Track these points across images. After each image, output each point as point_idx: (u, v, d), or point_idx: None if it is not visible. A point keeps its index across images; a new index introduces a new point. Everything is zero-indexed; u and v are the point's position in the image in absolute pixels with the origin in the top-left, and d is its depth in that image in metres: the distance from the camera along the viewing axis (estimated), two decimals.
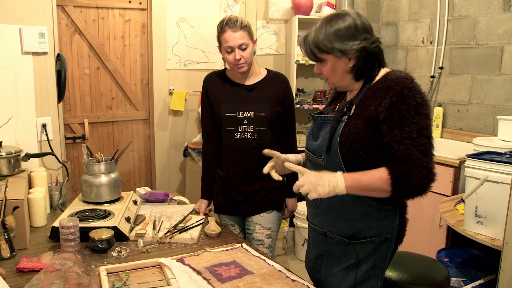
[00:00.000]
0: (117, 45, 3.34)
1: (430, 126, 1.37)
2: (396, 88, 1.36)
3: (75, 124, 3.27)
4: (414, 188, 1.33)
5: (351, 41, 1.39)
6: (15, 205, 1.66)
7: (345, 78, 1.46)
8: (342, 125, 1.43)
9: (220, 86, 2.13)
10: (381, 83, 1.41)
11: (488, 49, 3.21)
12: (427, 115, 1.36)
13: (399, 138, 1.34)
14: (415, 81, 1.39)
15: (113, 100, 3.41)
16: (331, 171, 1.38)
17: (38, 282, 1.32)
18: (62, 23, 3.10)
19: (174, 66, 3.48)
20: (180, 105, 3.48)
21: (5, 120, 2.17)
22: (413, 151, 1.32)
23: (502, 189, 2.06)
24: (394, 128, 1.35)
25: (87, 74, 3.27)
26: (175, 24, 3.43)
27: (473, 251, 2.69)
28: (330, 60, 1.43)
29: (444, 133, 3.54)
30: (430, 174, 1.33)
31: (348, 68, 1.43)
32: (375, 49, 1.42)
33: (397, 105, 1.35)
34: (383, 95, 1.38)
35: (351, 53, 1.40)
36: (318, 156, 1.51)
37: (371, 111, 1.39)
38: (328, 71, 1.47)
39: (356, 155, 1.40)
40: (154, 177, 3.59)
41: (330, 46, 1.40)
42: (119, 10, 3.30)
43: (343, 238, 1.51)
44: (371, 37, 1.42)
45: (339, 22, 1.40)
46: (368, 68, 1.44)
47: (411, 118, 1.33)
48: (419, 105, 1.34)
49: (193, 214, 2.06)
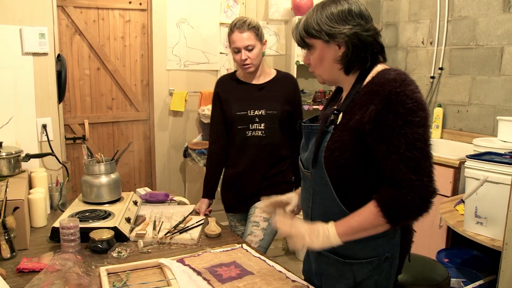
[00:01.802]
0: (117, 45, 3.34)
1: (424, 135, 1.18)
2: (382, 93, 1.19)
3: (75, 124, 3.27)
4: (408, 212, 1.19)
5: (342, 25, 1.24)
6: (16, 206, 1.66)
7: (333, 69, 1.32)
8: (328, 136, 1.29)
9: (231, 86, 2.20)
10: (368, 86, 1.25)
11: (488, 49, 3.21)
12: (420, 123, 1.17)
13: (386, 153, 1.18)
14: (408, 81, 1.20)
15: (113, 100, 3.41)
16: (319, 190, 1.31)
17: (38, 282, 1.32)
18: (63, 23, 3.11)
19: (174, 67, 3.48)
20: (180, 105, 3.49)
21: (6, 121, 2.17)
22: (401, 168, 1.16)
23: (502, 190, 2.06)
24: (380, 141, 1.19)
25: (87, 75, 3.28)
26: (175, 24, 3.43)
27: (473, 252, 2.69)
28: (319, 46, 1.30)
29: (444, 134, 3.54)
30: (423, 192, 1.16)
31: (337, 57, 1.28)
32: (368, 38, 1.26)
33: (382, 114, 1.18)
34: (369, 102, 1.21)
35: (340, 38, 1.25)
36: (306, 169, 1.39)
37: (357, 121, 1.23)
38: (316, 60, 1.33)
39: (342, 172, 1.26)
40: (154, 177, 3.59)
41: (318, 29, 1.26)
42: (119, 10, 3.30)
43: (337, 257, 1.35)
44: (367, 24, 1.26)
45: (333, 6, 1.27)
46: (359, 60, 1.28)
47: (398, 129, 1.16)
48: (409, 111, 1.16)
49: (193, 215, 2.06)
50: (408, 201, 1.16)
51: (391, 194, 1.19)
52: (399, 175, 1.17)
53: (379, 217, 1.20)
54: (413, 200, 1.16)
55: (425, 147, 1.18)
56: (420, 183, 1.16)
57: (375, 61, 1.31)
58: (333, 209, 1.31)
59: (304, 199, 1.44)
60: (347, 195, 1.29)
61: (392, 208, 1.19)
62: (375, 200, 1.21)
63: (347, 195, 1.29)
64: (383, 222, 1.20)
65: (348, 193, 1.29)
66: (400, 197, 1.17)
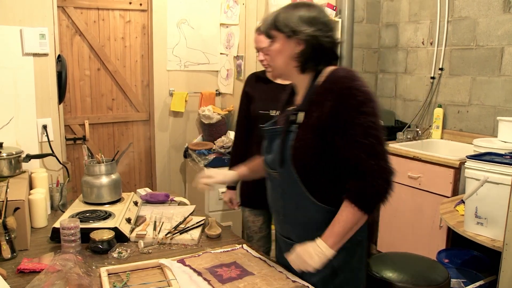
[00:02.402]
0: (118, 46, 3.35)
1: (376, 123, 1.30)
2: (335, 90, 1.32)
3: (76, 125, 3.27)
4: (378, 196, 1.30)
5: (307, 26, 1.36)
6: (16, 206, 1.66)
7: (289, 64, 1.42)
8: (292, 136, 1.38)
9: (258, 85, 2.27)
10: (322, 86, 1.37)
11: (488, 50, 3.21)
12: (372, 112, 1.30)
13: (345, 143, 1.30)
14: (356, 77, 1.34)
15: (114, 101, 3.42)
16: (289, 188, 1.41)
17: (39, 283, 1.32)
18: (63, 24, 3.11)
19: (175, 67, 3.49)
20: (181, 106, 3.49)
21: (6, 121, 2.17)
22: (361, 156, 1.28)
23: (502, 190, 2.06)
24: (338, 133, 1.31)
25: (87, 75, 3.28)
26: (175, 25, 3.43)
27: (474, 252, 2.69)
28: (280, 39, 1.40)
29: (444, 134, 3.54)
30: (384, 174, 1.29)
31: (295, 53, 1.39)
32: (326, 43, 1.38)
33: (337, 108, 1.31)
34: (324, 100, 1.34)
35: (301, 35, 1.36)
36: (273, 170, 1.47)
37: (316, 119, 1.34)
38: (275, 51, 1.42)
39: (309, 168, 1.36)
40: (155, 178, 3.60)
41: (285, 24, 1.38)
42: (119, 11, 3.31)
43: None
44: (328, 32, 1.39)
45: (303, 9, 1.39)
46: (314, 60, 1.39)
47: (353, 120, 1.29)
48: (361, 103, 1.29)
49: (193, 215, 2.06)
50: (375, 187, 1.28)
51: (358, 187, 1.30)
52: (360, 162, 1.28)
53: (356, 212, 1.31)
54: (379, 184, 1.28)
55: (378, 133, 1.30)
56: (379, 167, 1.28)
57: (328, 63, 1.42)
58: (304, 203, 1.41)
59: (274, 199, 1.54)
60: (316, 188, 1.40)
61: (365, 199, 1.30)
62: (347, 199, 1.32)
63: (316, 188, 1.40)
64: (362, 215, 1.31)
65: (317, 186, 1.39)
66: (367, 186, 1.29)
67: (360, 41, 4.08)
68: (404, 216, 3.24)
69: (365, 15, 4.09)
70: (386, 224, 3.42)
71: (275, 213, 1.57)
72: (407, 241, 3.23)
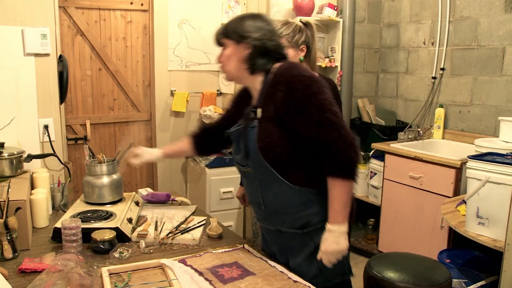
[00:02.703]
0: (119, 46, 3.35)
1: (326, 99, 1.43)
2: (282, 80, 1.47)
3: (77, 125, 3.28)
4: (351, 160, 1.42)
5: (253, 32, 1.52)
6: (18, 206, 1.66)
7: (240, 67, 1.55)
8: (255, 130, 1.51)
9: None
10: (272, 80, 1.51)
11: (490, 50, 3.21)
12: (319, 90, 1.44)
13: (305, 124, 1.43)
14: (299, 66, 1.52)
15: (115, 101, 3.42)
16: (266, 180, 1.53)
17: (40, 282, 1.32)
18: (64, 24, 3.11)
19: (176, 67, 3.49)
20: (182, 106, 3.49)
21: (7, 121, 2.17)
22: (322, 131, 1.41)
23: (503, 190, 2.06)
24: (295, 117, 1.44)
25: (89, 75, 3.28)
26: (176, 25, 3.43)
27: (475, 252, 2.69)
28: (230, 45, 1.55)
29: (446, 134, 3.54)
30: (347, 140, 1.41)
31: (244, 56, 1.53)
32: (272, 46, 1.54)
33: (288, 96, 1.44)
34: (275, 91, 1.48)
35: (249, 40, 1.51)
36: (246, 166, 1.59)
37: (272, 111, 1.48)
38: (226, 56, 1.57)
39: (278, 155, 1.48)
40: (156, 178, 3.60)
41: (234, 31, 1.54)
42: (120, 11, 3.31)
43: (296, 230, 1.57)
44: (273, 37, 1.55)
45: (250, 19, 1.55)
46: (262, 61, 1.53)
47: (306, 101, 1.42)
48: (308, 86, 1.43)
49: (195, 215, 2.06)
50: (345, 154, 1.41)
51: (333, 162, 1.42)
52: (323, 138, 1.41)
53: (343, 183, 1.43)
54: (347, 150, 1.41)
55: (331, 107, 1.43)
56: (340, 136, 1.41)
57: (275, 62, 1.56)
58: (281, 189, 1.53)
59: (252, 193, 1.65)
60: (289, 172, 1.51)
61: (343, 169, 1.42)
62: (329, 177, 1.45)
63: (289, 172, 1.51)
64: (349, 183, 1.44)
65: (288, 171, 1.51)
66: (340, 157, 1.41)
67: (361, 41, 4.08)
68: (406, 216, 3.24)
69: (366, 15, 4.09)
70: (387, 224, 3.42)
71: (256, 206, 1.67)
72: (408, 241, 3.23)
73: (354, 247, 3.79)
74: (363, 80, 4.20)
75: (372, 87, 4.27)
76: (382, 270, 1.87)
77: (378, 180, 3.58)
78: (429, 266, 1.93)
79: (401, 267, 1.89)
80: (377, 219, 3.58)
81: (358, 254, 3.74)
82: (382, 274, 1.85)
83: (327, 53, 3.87)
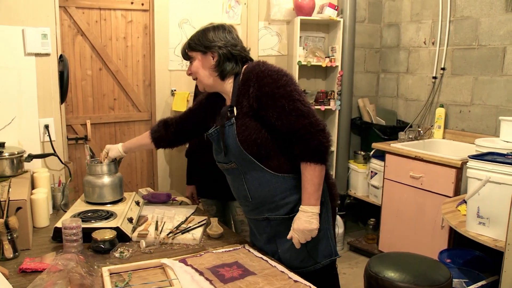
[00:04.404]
0: (120, 46, 3.35)
1: (295, 90, 1.54)
2: (252, 77, 1.57)
3: (78, 125, 3.27)
4: (322, 145, 1.52)
5: (216, 40, 1.63)
6: (18, 206, 1.66)
7: (211, 76, 1.67)
8: (234, 127, 1.60)
9: None
10: (242, 80, 1.62)
11: (490, 50, 3.21)
12: (287, 82, 1.55)
13: (277, 115, 1.53)
14: (267, 63, 1.62)
15: (115, 101, 3.42)
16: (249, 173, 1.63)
17: (41, 282, 1.33)
18: (65, 24, 3.11)
19: (176, 67, 3.49)
20: (182, 106, 3.49)
21: (8, 121, 2.18)
22: (294, 120, 1.51)
23: (504, 190, 2.06)
24: (268, 110, 1.54)
25: (89, 75, 3.28)
26: (177, 25, 3.43)
27: (476, 252, 2.69)
28: (198, 57, 1.67)
29: (446, 134, 3.54)
30: (317, 126, 1.52)
31: (212, 65, 1.64)
32: (238, 51, 1.65)
33: (260, 90, 1.55)
34: (247, 88, 1.58)
35: (214, 49, 1.63)
36: (229, 163, 1.68)
37: (246, 106, 1.58)
38: (196, 67, 1.68)
39: (259, 146, 1.58)
40: (156, 178, 3.60)
41: (198, 43, 1.65)
42: (121, 11, 3.31)
43: (284, 216, 1.66)
44: (236, 43, 1.66)
45: (212, 30, 1.65)
46: (230, 67, 1.64)
47: (276, 94, 1.53)
48: (277, 79, 1.54)
49: (195, 215, 2.06)
50: (316, 139, 1.51)
51: (303, 147, 1.53)
52: (294, 125, 1.52)
53: (315, 167, 1.53)
54: (317, 136, 1.51)
55: (300, 97, 1.54)
56: (311, 123, 1.52)
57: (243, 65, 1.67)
58: (265, 178, 1.62)
59: (238, 188, 1.72)
60: (270, 162, 1.61)
61: (314, 153, 1.52)
62: (301, 161, 1.55)
63: (270, 162, 1.61)
64: (320, 167, 1.54)
65: (270, 161, 1.61)
66: (310, 142, 1.51)
67: (362, 41, 4.08)
68: (406, 216, 3.24)
69: (367, 15, 4.08)
70: (388, 224, 3.42)
71: (243, 200, 1.74)
72: (408, 241, 3.23)
73: (354, 247, 3.80)
74: (364, 80, 4.19)
75: (372, 87, 4.27)
76: (383, 270, 1.87)
77: (379, 180, 3.58)
78: (430, 266, 1.93)
79: (402, 267, 1.89)
80: (378, 219, 3.58)
81: (358, 254, 3.75)
82: (383, 274, 1.85)
83: (328, 53, 3.87)
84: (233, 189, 1.79)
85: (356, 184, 3.95)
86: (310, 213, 1.55)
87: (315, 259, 1.69)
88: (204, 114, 1.88)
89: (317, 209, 1.56)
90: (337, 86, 3.81)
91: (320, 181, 1.56)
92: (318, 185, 1.55)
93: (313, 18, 3.64)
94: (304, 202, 1.56)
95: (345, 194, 4.01)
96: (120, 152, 2.04)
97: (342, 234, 3.79)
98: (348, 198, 4.03)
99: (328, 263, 1.72)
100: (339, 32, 3.73)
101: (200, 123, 1.91)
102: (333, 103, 3.78)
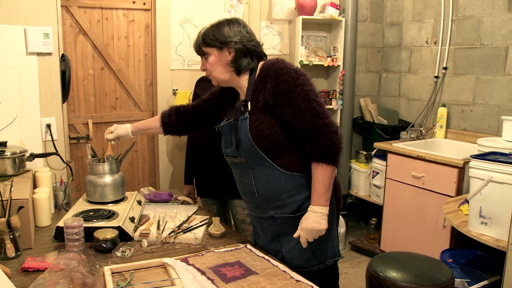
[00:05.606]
0: (121, 45, 3.35)
1: (312, 90, 1.55)
2: (271, 73, 1.57)
3: (79, 124, 3.28)
4: (334, 147, 1.52)
5: (232, 36, 1.62)
6: (20, 205, 1.66)
7: (227, 71, 1.66)
8: (247, 121, 1.60)
9: (206, 85, 2.34)
10: (259, 75, 1.62)
11: (493, 49, 3.20)
12: (305, 82, 1.55)
13: (293, 113, 1.53)
14: (285, 61, 1.61)
15: (117, 100, 3.42)
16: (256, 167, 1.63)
17: (43, 281, 1.33)
18: (67, 23, 3.11)
19: (178, 67, 3.49)
20: None
21: (10, 120, 2.18)
22: (308, 119, 1.52)
23: (506, 190, 2.06)
24: (284, 107, 1.54)
25: (91, 75, 3.28)
26: (179, 24, 3.43)
27: (478, 252, 2.69)
28: (213, 53, 1.65)
29: (448, 134, 3.53)
30: (331, 128, 1.52)
31: (229, 60, 1.64)
32: (251, 47, 1.64)
33: (277, 87, 1.55)
34: (264, 84, 1.58)
35: (230, 45, 1.62)
36: (238, 157, 1.67)
37: (262, 101, 1.59)
38: (212, 64, 1.66)
39: (271, 142, 1.58)
40: (158, 177, 3.60)
41: (214, 38, 1.63)
42: (123, 10, 3.31)
43: (290, 215, 1.66)
44: (251, 37, 1.66)
45: (226, 24, 1.64)
46: (246, 61, 1.64)
47: (293, 92, 1.53)
48: (295, 78, 1.55)
49: (197, 214, 2.06)
50: (329, 140, 1.51)
51: (316, 147, 1.52)
52: (309, 124, 1.52)
53: (326, 168, 1.53)
54: (331, 137, 1.52)
55: (316, 98, 1.55)
56: (325, 124, 1.52)
57: (258, 60, 1.68)
58: (274, 175, 1.63)
59: (246, 183, 1.72)
60: (280, 159, 1.61)
61: (326, 154, 1.52)
62: (313, 161, 1.54)
63: (280, 159, 1.61)
64: (331, 168, 1.54)
65: (280, 158, 1.61)
66: (323, 142, 1.51)
67: (364, 40, 4.07)
68: (408, 216, 3.23)
69: (368, 14, 4.08)
70: (390, 223, 3.41)
71: (249, 196, 1.73)
72: (410, 241, 3.22)
73: (356, 247, 3.79)
74: (366, 79, 4.19)
75: (374, 86, 4.26)
76: (385, 269, 1.87)
77: (381, 180, 3.58)
78: (432, 266, 1.93)
79: (404, 267, 1.89)
80: (380, 219, 3.58)
81: (360, 254, 3.74)
82: (385, 274, 1.85)
83: (330, 52, 3.87)
84: (239, 184, 1.79)
85: (358, 184, 3.95)
86: (320, 214, 1.54)
87: (320, 259, 1.69)
88: (216, 105, 1.87)
89: (326, 209, 1.55)
90: (339, 85, 3.81)
91: (331, 182, 1.56)
92: (329, 186, 1.55)
93: (315, 17, 3.64)
94: (314, 202, 1.55)
95: (347, 193, 4.01)
96: (128, 132, 2.04)
97: (344, 233, 3.79)
98: (350, 198, 4.03)
99: (332, 263, 1.73)
100: (341, 32, 3.72)
101: (211, 114, 1.91)
102: (335, 102, 3.78)
